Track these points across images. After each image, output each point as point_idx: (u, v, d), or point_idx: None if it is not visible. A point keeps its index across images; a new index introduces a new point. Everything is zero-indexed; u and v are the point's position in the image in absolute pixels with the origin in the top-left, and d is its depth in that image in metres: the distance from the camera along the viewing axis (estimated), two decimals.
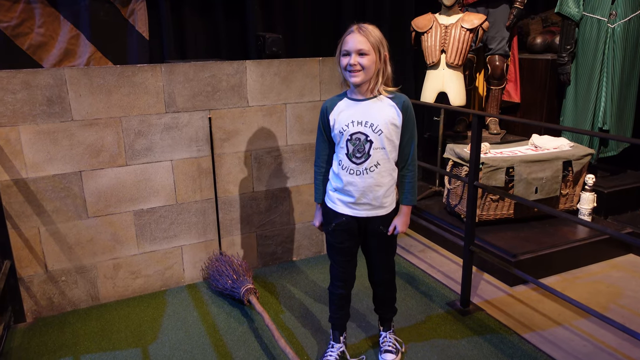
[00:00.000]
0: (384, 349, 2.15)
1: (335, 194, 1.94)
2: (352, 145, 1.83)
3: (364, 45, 1.74)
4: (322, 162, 1.99)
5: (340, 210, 1.93)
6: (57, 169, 2.44)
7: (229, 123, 2.76)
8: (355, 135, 1.82)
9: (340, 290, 2.07)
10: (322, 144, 1.97)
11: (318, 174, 2.01)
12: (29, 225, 2.44)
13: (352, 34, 1.76)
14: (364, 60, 1.75)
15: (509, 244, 2.91)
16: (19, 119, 2.32)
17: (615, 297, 2.65)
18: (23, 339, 2.36)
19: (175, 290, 2.80)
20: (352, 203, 1.90)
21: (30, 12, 3.26)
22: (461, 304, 2.56)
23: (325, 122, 1.91)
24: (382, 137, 1.81)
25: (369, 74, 1.78)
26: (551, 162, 3.07)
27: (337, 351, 2.12)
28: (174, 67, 2.58)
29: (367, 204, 1.89)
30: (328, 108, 1.90)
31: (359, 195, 1.87)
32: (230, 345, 2.28)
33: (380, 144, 1.82)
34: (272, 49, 3.04)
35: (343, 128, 1.84)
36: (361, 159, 1.83)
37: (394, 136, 1.84)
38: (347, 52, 1.77)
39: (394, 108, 1.82)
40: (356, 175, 1.85)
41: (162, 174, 2.67)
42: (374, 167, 1.84)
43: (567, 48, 3.50)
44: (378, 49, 1.76)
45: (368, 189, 1.86)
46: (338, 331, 2.15)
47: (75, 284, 2.59)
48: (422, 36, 3.57)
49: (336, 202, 1.94)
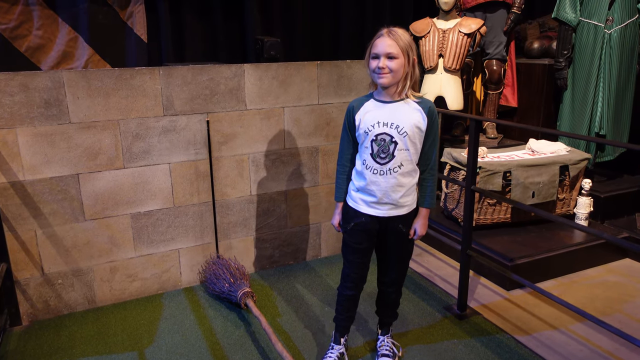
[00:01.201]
0: (381, 353, 2.15)
1: (357, 193, 1.96)
2: (377, 145, 1.86)
3: (393, 49, 1.76)
4: (345, 161, 2.01)
5: (362, 210, 1.94)
6: (54, 172, 2.43)
7: (227, 126, 2.77)
8: (381, 136, 1.85)
9: (350, 291, 2.08)
10: (347, 143, 1.98)
11: (341, 173, 2.02)
12: (25, 228, 2.43)
13: (382, 38, 1.78)
14: (393, 64, 1.77)
15: (506, 248, 2.91)
16: (16, 122, 2.32)
17: (611, 302, 2.66)
18: (19, 342, 2.35)
19: (172, 294, 2.79)
20: (374, 203, 1.91)
21: (29, 14, 3.26)
22: (458, 308, 2.56)
23: (350, 122, 1.93)
24: (406, 139, 1.83)
25: (397, 77, 1.80)
26: (548, 167, 3.08)
27: (337, 352, 2.13)
28: (172, 70, 2.58)
29: (389, 204, 1.91)
30: (355, 108, 1.92)
31: (381, 195, 1.89)
32: (227, 349, 2.28)
33: (405, 145, 1.84)
34: (270, 52, 3.05)
35: (369, 128, 1.86)
36: (385, 160, 1.86)
37: (418, 139, 1.86)
38: (376, 55, 1.79)
39: (420, 112, 1.85)
40: (380, 175, 1.87)
41: (160, 177, 2.67)
42: (398, 167, 1.86)
43: (564, 53, 3.52)
44: (407, 53, 1.78)
45: (391, 189, 1.88)
46: (339, 333, 2.16)
47: (72, 287, 2.59)
48: (420, 40, 3.58)
49: (358, 201, 1.95)
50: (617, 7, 3.26)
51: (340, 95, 3.02)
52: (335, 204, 2.07)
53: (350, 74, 3.01)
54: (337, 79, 2.99)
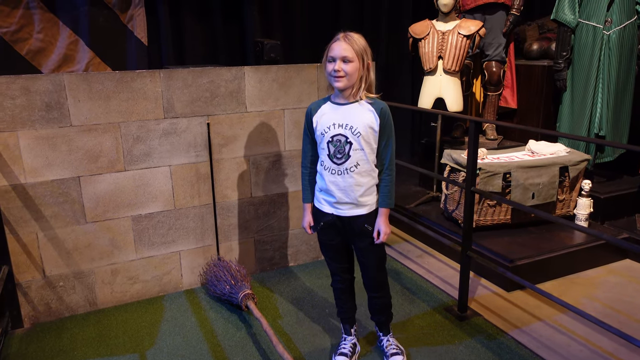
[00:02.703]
0: (390, 353, 2.16)
1: (320, 194, 2.03)
2: (333, 146, 1.92)
3: (349, 53, 1.82)
4: (308, 162, 2.07)
5: (325, 210, 2.02)
6: (55, 175, 2.44)
7: (228, 128, 2.77)
8: (336, 137, 1.91)
9: (339, 284, 2.17)
10: (308, 145, 2.05)
11: (305, 175, 2.10)
12: (27, 231, 2.44)
13: (338, 42, 1.84)
14: (348, 67, 1.83)
15: (506, 249, 2.92)
16: (17, 125, 2.33)
17: (611, 302, 2.66)
18: (20, 344, 2.35)
19: (173, 296, 2.80)
20: (335, 202, 1.98)
21: (30, 18, 3.28)
22: (459, 309, 2.57)
23: (309, 124, 2.00)
24: (360, 139, 1.89)
25: (352, 80, 1.86)
26: (548, 168, 3.09)
27: (350, 343, 2.19)
28: (172, 72, 2.59)
29: (349, 203, 1.96)
30: (312, 110, 2.00)
31: (340, 194, 1.95)
32: (228, 351, 2.28)
33: (359, 145, 1.90)
34: (270, 54, 3.06)
35: (325, 130, 1.93)
36: (341, 160, 1.92)
37: (372, 139, 1.91)
38: (332, 59, 1.85)
39: (372, 113, 1.90)
40: (337, 175, 1.93)
41: (161, 180, 2.67)
42: (354, 167, 1.92)
43: (563, 54, 3.53)
44: (362, 57, 1.85)
45: (349, 188, 1.93)
46: (348, 324, 2.22)
47: (73, 290, 2.59)
48: (419, 42, 3.59)
49: (322, 202, 2.03)
50: (615, 8, 3.27)
51: None
52: (303, 205, 2.12)
53: None
54: None
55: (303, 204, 2.12)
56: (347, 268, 2.16)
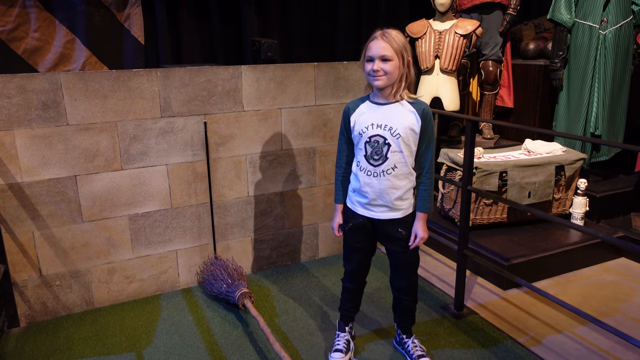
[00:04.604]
0: (416, 355, 2.13)
1: (354, 195, 1.99)
2: (371, 147, 1.87)
3: (387, 52, 1.77)
4: (343, 162, 2.03)
5: (358, 211, 1.98)
6: (52, 174, 2.44)
7: (225, 128, 2.77)
8: (374, 137, 1.86)
9: (350, 285, 2.16)
10: (344, 145, 2.00)
11: (339, 175, 2.05)
12: (23, 230, 2.43)
13: (376, 40, 1.79)
14: (387, 66, 1.78)
15: (503, 248, 2.93)
16: (14, 124, 2.32)
17: (607, 301, 2.67)
18: (17, 343, 2.35)
19: (170, 295, 2.80)
20: (367, 204, 1.94)
21: (26, 17, 3.27)
22: (455, 308, 2.58)
23: (346, 123, 1.95)
24: (399, 141, 1.84)
25: (392, 78, 1.81)
26: (544, 167, 3.10)
27: (343, 340, 2.19)
28: (169, 71, 2.59)
29: (383, 206, 1.92)
30: (350, 109, 1.94)
31: (374, 196, 1.91)
32: (225, 350, 2.28)
33: (398, 147, 1.85)
34: (267, 54, 3.06)
35: (363, 130, 1.88)
36: (379, 161, 1.87)
37: (412, 141, 1.86)
38: (370, 58, 1.80)
39: (414, 114, 1.85)
40: (373, 177, 1.89)
41: (158, 179, 2.67)
42: (391, 169, 1.87)
43: (559, 54, 3.54)
44: (401, 54, 1.79)
45: (384, 191, 1.89)
46: (343, 321, 2.23)
47: (70, 289, 2.59)
48: (416, 42, 3.60)
49: (354, 203, 1.99)
50: (611, 8, 3.28)
51: (337, 96, 3.03)
52: (335, 206, 2.08)
53: (347, 75, 3.03)
54: (334, 80, 3.00)
55: (335, 204, 2.08)
56: (363, 273, 2.15)
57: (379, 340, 2.34)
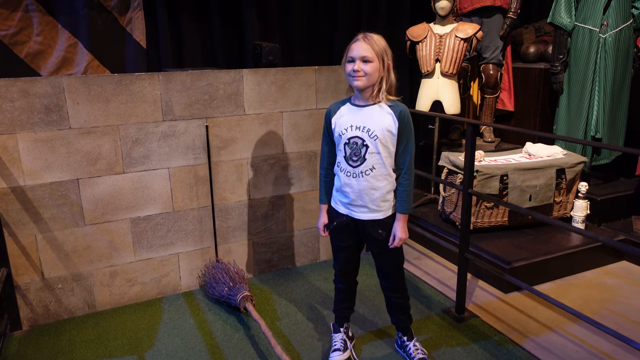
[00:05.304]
0: (417, 358, 2.15)
1: (336, 194, 2.04)
2: (350, 148, 1.91)
3: (368, 53, 1.81)
4: (325, 163, 2.07)
5: (340, 210, 2.02)
6: (54, 177, 2.45)
7: (226, 131, 2.79)
8: (353, 139, 1.90)
9: (341, 285, 2.19)
10: (326, 146, 2.05)
11: (322, 176, 2.10)
12: (26, 233, 2.44)
13: (358, 42, 1.84)
14: (367, 67, 1.82)
15: (504, 251, 2.93)
16: (16, 127, 2.33)
17: (608, 304, 2.67)
18: (19, 346, 2.36)
19: (171, 298, 2.80)
20: (348, 204, 1.98)
21: (29, 21, 3.28)
22: (456, 311, 2.58)
23: (328, 125, 2.00)
24: (377, 142, 1.87)
25: (372, 80, 1.85)
26: (545, 170, 3.11)
27: (340, 340, 2.22)
28: (171, 75, 2.60)
29: (364, 207, 1.95)
30: (332, 111, 1.99)
31: (354, 196, 1.95)
32: (226, 353, 2.29)
33: (375, 149, 1.88)
34: (268, 57, 3.07)
35: (342, 132, 1.92)
36: (357, 162, 1.91)
37: (389, 143, 1.90)
38: (352, 59, 1.84)
39: (391, 116, 1.88)
40: (352, 178, 1.93)
41: (159, 182, 2.68)
42: (370, 170, 1.90)
43: (559, 57, 3.55)
44: (382, 58, 1.83)
45: (364, 191, 1.93)
46: (338, 323, 2.25)
47: (72, 292, 2.60)
48: (417, 45, 3.61)
49: (337, 202, 2.03)
50: (611, 11, 3.29)
51: (338, 99, 3.01)
52: (319, 206, 2.13)
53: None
54: (335, 84, 3.01)
55: (320, 205, 2.12)
56: (352, 272, 2.17)
57: (379, 341, 2.35)
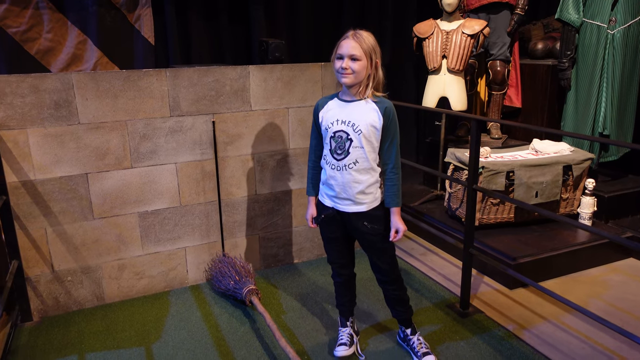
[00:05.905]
0: (421, 352, 2.16)
1: (323, 187, 2.07)
2: (335, 142, 1.95)
3: (357, 51, 1.84)
4: (313, 156, 2.11)
5: (326, 203, 2.06)
6: (64, 171, 2.49)
7: (233, 127, 2.81)
8: (338, 133, 1.94)
9: (337, 277, 2.22)
10: (314, 140, 2.09)
11: (310, 168, 2.14)
12: (36, 226, 2.49)
13: (347, 40, 1.86)
14: (355, 65, 1.85)
15: (509, 247, 2.93)
16: (27, 122, 2.37)
17: (614, 301, 2.67)
18: (30, 337, 2.40)
19: (178, 291, 2.84)
20: (334, 197, 2.02)
21: (39, 18, 3.33)
22: (461, 306, 2.58)
23: (316, 119, 2.04)
24: (361, 137, 1.91)
25: (359, 77, 1.88)
26: (551, 167, 3.10)
27: (346, 334, 2.24)
28: (178, 71, 2.63)
29: (347, 199, 1.99)
30: (320, 105, 2.03)
31: (339, 189, 1.99)
32: (232, 345, 2.31)
33: (359, 143, 1.92)
34: (275, 54, 3.09)
35: (328, 125, 1.96)
36: (341, 156, 1.95)
37: (373, 138, 1.93)
38: (340, 56, 1.87)
39: (376, 112, 1.91)
40: (337, 171, 1.97)
41: (167, 177, 2.71)
42: (353, 164, 1.94)
43: (567, 54, 3.53)
44: (370, 56, 1.86)
45: (347, 184, 1.96)
46: (344, 317, 2.27)
47: (81, 284, 2.64)
48: (423, 42, 3.61)
49: (324, 195, 2.07)
50: (620, 8, 3.27)
51: None
52: (307, 198, 2.16)
53: None
54: None
55: (307, 197, 2.16)
56: (346, 263, 2.19)
57: (382, 334, 2.36)
